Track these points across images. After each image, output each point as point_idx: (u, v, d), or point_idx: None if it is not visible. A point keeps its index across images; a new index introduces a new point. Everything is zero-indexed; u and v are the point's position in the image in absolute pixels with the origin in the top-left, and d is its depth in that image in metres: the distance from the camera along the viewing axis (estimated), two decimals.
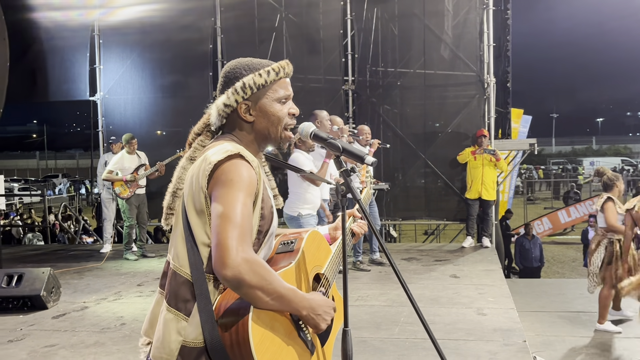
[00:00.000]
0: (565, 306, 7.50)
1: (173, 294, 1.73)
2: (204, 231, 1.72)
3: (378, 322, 5.27)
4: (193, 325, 1.68)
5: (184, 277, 1.73)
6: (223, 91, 1.86)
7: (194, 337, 1.68)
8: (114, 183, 8.43)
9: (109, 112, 10.78)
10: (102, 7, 10.66)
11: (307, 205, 5.70)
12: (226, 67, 1.93)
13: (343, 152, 2.38)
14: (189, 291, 1.71)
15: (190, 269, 1.71)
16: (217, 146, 1.76)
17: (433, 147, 9.78)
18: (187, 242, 1.73)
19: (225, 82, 1.87)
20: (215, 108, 1.84)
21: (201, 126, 1.89)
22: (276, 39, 10.40)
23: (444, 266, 7.66)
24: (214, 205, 1.66)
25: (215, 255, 1.60)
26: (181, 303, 1.71)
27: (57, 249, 10.79)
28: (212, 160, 1.69)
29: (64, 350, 4.72)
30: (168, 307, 1.73)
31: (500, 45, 10.62)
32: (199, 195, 1.71)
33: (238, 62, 1.94)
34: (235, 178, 1.68)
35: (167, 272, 1.80)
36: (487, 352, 4.45)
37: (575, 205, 20.31)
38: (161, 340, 1.71)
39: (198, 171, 1.72)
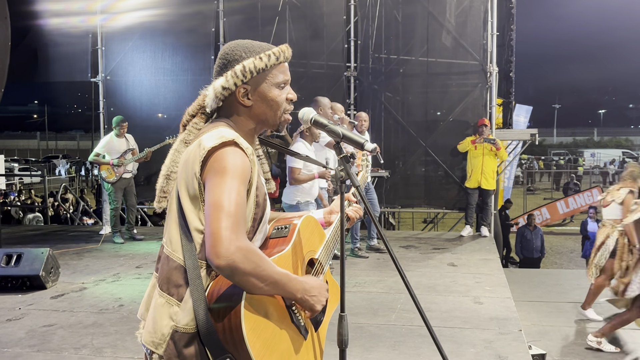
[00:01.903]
0: (562, 296, 7.54)
1: (165, 279, 1.72)
2: (197, 217, 1.70)
3: (375, 308, 5.29)
4: (185, 310, 1.67)
5: (177, 262, 1.71)
6: (221, 73, 1.82)
7: (186, 322, 1.67)
8: (100, 166, 8.41)
9: (110, 94, 10.74)
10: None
11: (305, 194, 5.73)
12: (225, 48, 1.87)
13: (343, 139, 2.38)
14: (182, 276, 1.70)
15: (183, 255, 1.70)
16: (212, 130, 1.74)
17: (434, 135, 9.76)
18: (181, 227, 1.72)
19: (224, 64, 1.83)
20: (212, 90, 1.80)
21: (196, 107, 1.85)
22: (279, 24, 10.35)
23: (442, 254, 7.68)
24: (208, 193, 1.64)
25: (208, 244, 1.58)
26: (173, 288, 1.70)
27: (57, 230, 10.82)
28: (206, 146, 1.67)
29: (62, 330, 4.75)
30: (160, 292, 1.72)
31: (504, 34, 10.56)
32: (193, 181, 1.69)
33: (237, 43, 1.90)
34: (229, 166, 1.65)
35: (160, 256, 1.80)
36: (483, 340, 4.48)
37: (574, 196, 20.35)
38: (153, 324, 1.71)
39: (193, 156, 1.70)
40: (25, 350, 4.33)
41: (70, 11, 10.73)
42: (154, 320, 1.71)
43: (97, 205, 14.15)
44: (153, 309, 1.72)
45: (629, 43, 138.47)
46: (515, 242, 12.89)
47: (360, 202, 2.34)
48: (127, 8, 10.52)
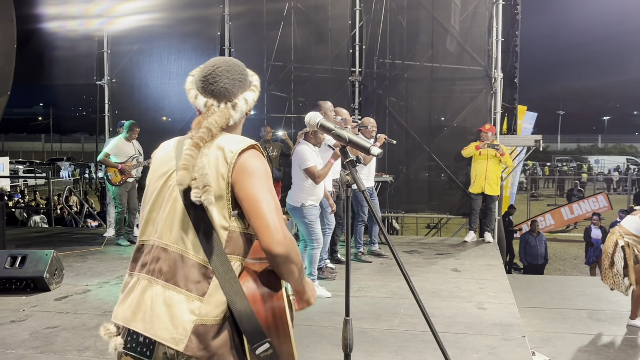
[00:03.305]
0: (566, 303, 7.51)
1: (182, 277, 1.77)
2: (222, 215, 1.80)
3: (378, 313, 5.29)
4: (211, 304, 1.75)
5: (194, 259, 1.79)
6: (242, 88, 2.00)
7: (215, 314, 1.75)
8: (107, 167, 8.43)
9: (115, 97, 10.78)
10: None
11: (310, 197, 5.70)
12: (231, 64, 2.01)
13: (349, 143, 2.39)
14: (200, 273, 1.77)
15: (204, 253, 1.78)
16: (226, 136, 1.88)
17: (438, 140, 9.76)
18: (198, 227, 1.79)
19: (243, 80, 2.01)
20: (245, 105, 1.99)
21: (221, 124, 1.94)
22: (284, 28, 10.38)
23: (446, 260, 7.67)
24: (248, 191, 1.78)
25: (265, 235, 1.73)
26: (192, 284, 1.76)
27: (61, 232, 10.84)
28: (233, 149, 1.81)
29: (66, 332, 4.75)
30: (175, 288, 1.77)
31: (508, 40, 10.57)
32: (219, 181, 1.79)
33: (235, 62, 2.06)
34: (260, 167, 1.83)
35: (159, 257, 1.83)
36: (486, 346, 4.47)
37: (579, 203, 20.30)
38: (170, 321, 1.74)
39: (215, 159, 1.81)
40: (29, 352, 4.34)
41: (75, 15, 10.78)
42: (171, 317, 1.74)
43: (101, 208, 14.18)
44: (164, 307, 1.76)
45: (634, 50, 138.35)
46: (519, 248, 12.87)
47: (366, 205, 2.38)
48: (132, 11, 10.55)
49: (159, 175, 1.93)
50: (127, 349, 1.82)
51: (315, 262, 5.81)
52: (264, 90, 10.58)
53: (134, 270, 1.90)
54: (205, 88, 1.94)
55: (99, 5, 10.61)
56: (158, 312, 1.77)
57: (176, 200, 1.84)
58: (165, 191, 1.89)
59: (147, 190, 1.97)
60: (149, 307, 1.80)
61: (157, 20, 10.45)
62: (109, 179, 8.42)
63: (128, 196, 8.54)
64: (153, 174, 1.96)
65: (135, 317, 1.81)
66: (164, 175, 1.91)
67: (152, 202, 1.90)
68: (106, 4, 10.59)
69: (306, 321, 5.02)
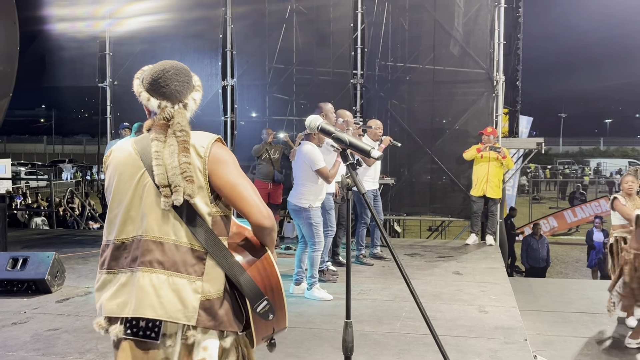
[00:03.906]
0: (568, 306, 7.50)
1: (180, 263, 1.97)
2: (205, 203, 2.02)
3: (380, 316, 5.28)
4: (211, 281, 1.99)
5: (185, 247, 1.99)
6: (187, 90, 2.15)
7: (216, 289, 2.00)
8: None
9: (117, 99, 10.80)
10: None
11: (319, 197, 5.70)
12: (181, 67, 2.17)
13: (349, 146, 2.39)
14: (194, 256, 1.98)
15: (195, 238, 1.98)
16: (192, 133, 2.07)
17: (440, 143, 9.76)
18: (186, 217, 1.98)
19: (188, 82, 2.17)
20: (194, 105, 2.16)
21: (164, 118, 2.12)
22: (286, 30, 10.38)
23: (447, 263, 7.66)
24: (227, 178, 2.02)
25: (254, 213, 2.02)
26: (190, 268, 1.97)
27: (62, 234, 10.85)
28: (204, 144, 2.03)
29: (67, 334, 4.75)
30: (177, 275, 1.96)
31: (510, 43, 10.56)
32: (196, 174, 2.00)
33: (181, 65, 2.21)
34: (229, 156, 2.08)
35: (152, 249, 1.98)
36: (488, 349, 4.46)
37: (581, 206, 20.28)
38: (180, 302, 1.94)
39: (192, 152, 2.01)
40: (30, 354, 4.33)
41: (77, 17, 10.79)
42: (180, 299, 1.94)
43: (103, 210, 14.18)
44: (170, 291, 1.94)
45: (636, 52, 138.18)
46: (520, 251, 12.85)
47: (367, 209, 2.42)
48: (134, 14, 10.56)
49: (128, 176, 2.05)
50: (129, 334, 1.97)
51: (317, 264, 5.80)
52: (266, 93, 10.59)
53: (120, 267, 2.03)
54: (157, 91, 2.09)
55: (102, 8, 10.64)
56: (167, 298, 1.94)
57: (157, 196, 2.00)
58: (141, 190, 2.03)
59: (116, 191, 2.07)
60: (155, 295, 1.94)
61: (159, 22, 10.46)
62: None
63: None
64: (120, 176, 2.06)
65: (142, 306, 1.94)
66: (133, 175, 2.04)
67: (128, 202, 2.02)
68: (108, 7, 10.61)
69: (307, 324, 5.02)
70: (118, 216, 2.03)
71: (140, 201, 2.02)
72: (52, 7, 10.84)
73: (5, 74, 10.58)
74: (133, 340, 1.98)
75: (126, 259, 2.01)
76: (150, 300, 1.94)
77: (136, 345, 1.98)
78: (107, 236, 2.07)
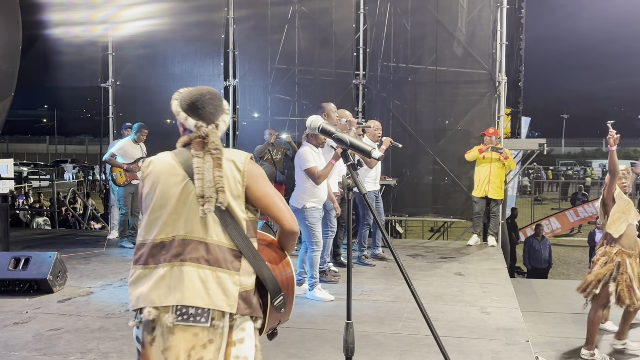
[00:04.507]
0: (570, 307, 7.49)
1: (222, 260, 2.29)
2: (241, 209, 2.34)
3: (381, 317, 5.28)
4: (245, 275, 2.31)
5: (225, 246, 2.31)
6: (218, 112, 2.43)
7: (250, 282, 2.32)
8: (112, 167, 8.40)
9: (119, 99, 10.80)
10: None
11: (312, 199, 5.68)
12: (214, 92, 2.46)
13: (350, 147, 2.39)
14: (232, 255, 2.31)
15: (232, 239, 2.31)
16: (226, 150, 2.38)
17: (442, 144, 9.75)
18: (225, 221, 2.31)
19: (220, 106, 2.44)
20: (224, 126, 2.45)
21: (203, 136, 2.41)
22: (288, 31, 10.39)
23: (449, 263, 7.65)
24: (263, 190, 2.38)
25: (287, 218, 2.41)
26: (229, 264, 2.30)
27: (64, 234, 10.86)
28: (242, 160, 2.37)
29: (69, 334, 4.76)
30: (222, 270, 2.29)
31: (513, 44, 10.56)
32: (237, 186, 2.33)
33: (215, 91, 2.49)
34: (261, 171, 2.44)
35: (197, 248, 2.30)
36: (490, 350, 4.46)
37: (584, 206, 20.22)
38: (223, 293, 2.27)
39: (230, 169, 2.34)
40: (32, 354, 4.34)
41: (81, 18, 10.80)
42: (224, 290, 2.27)
43: (105, 210, 14.20)
44: (217, 285, 2.27)
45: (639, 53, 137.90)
46: (522, 252, 12.84)
47: (368, 210, 2.45)
48: (137, 16, 10.56)
49: (172, 183, 2.34)
50: (180, 321, 2.25)
51: (316, 265, 5.79)
52: (268, 93, 10.60)
53: (158, 262, 2.31)
54: (194, 112, 2.37)
55: (104, 11, 10.64)
56: (213, 290, 2.26)
57: (210, 203, 2.30)
58: (185, 197, 2.33)
59: (160, 196, 2.34)
60: (202, 287, 2.26)
61: (161, 23, 10.45)
62: (114, 180, 8.39)
63: (132, 198, 8.53)
64: (165, 183, 2.35)
65: (192, 296, 2.25)
66: (178, 183, 2.34)
67: (172, 206, 2.32)
68: (111, 9, 10.61)
69: (309, 324, 5.02)
70: (160, 218, 2.33)
71: (184, 206, 2.32)
72: (54, 10, 10.84)
73: (7, 74, 10.59)
74: (184, 325, 2.26)
75: (164, 256, 2.30)
76: (198, 291, 2.25)
77: (186, 329, 2.25)
78: (145, 236, 2.35)
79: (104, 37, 10.71)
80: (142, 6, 10.57)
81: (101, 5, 10.71)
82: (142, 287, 2.30)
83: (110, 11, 10.63)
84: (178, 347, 2.24)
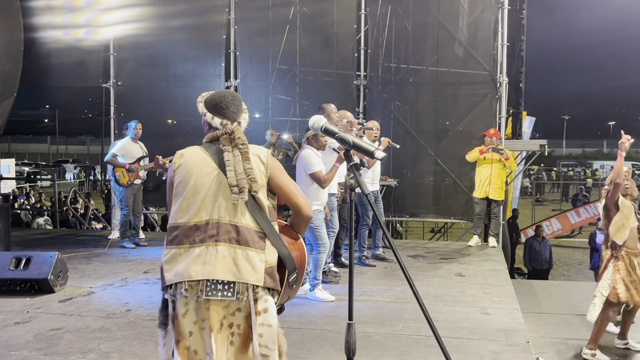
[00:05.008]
0: (570, 309, 7.50)
1: (251, 240, 2.59)
2: (264, 197, 2.66)
3: (382, 317, 5.28)
4: (270, 254, 2.61)
5: (252, 228, 2.60)
6: (239, 111, 2.76)
7: (273, 260, 2.62)
8: (115, 167, 8.41)
9: (121, 100, 10.81)
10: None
11: (316, 202, 5.68)
12: (235, 94, 2.80)
13: (353, 147, 2.39)
14: (258, 236, 2.61)
15: (258, 223, 2.61)
16: (251, 145, 2.71)
17: (443, 144, 9.75)
18: (252, 207, 2.62)
19: (240, 107, 2.77)
20: (245, 123, 2.77)
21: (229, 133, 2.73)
22: (289, 32, 10.39)
23: (450, 264, 7.65)
24: (282, 180, 2.71)
25: (304, 205, 2.74)
26: (256, 244, 2.59)
27: (66, 234, 10.87)
28: (264, 155, 2.70)
29: (69, 334, 4.76)
30: (251, 249, 2.58)
31: (514, 45, 10.55)
32: (262, 177, 2.65)
33: (235, 93, 2.84)
34: (280, 164, 2.76)
35: (229, 230, 2.59)
36: (490, 351, 4.46)
37: (585, 207, 20.21)
38: (252, 269, 2.56)
39: (256, 162, 2.66)
40: (33, 354, 4.34)
41: (83, 19, 10.81)
42: (252, 267, 2.56)
43: (106, 210, 14.20)
44: (247, 262, 2.56)
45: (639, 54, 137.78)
46: (523, 253, 12.84)
47: (370, 209, 2.44)
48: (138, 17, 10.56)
49: (205, 173, 2.63)
50: (210, 295, 2.53)
51: (321, 266, 5.80)
52: (269, 94, 10.60)
53: (192, 243, 2.58)
54: (219, 112, 2.70)
55: (107, 12, 10.65)
56: (243, 265, 2.55)
57: (243, 193, 2.60)
58: (216, 186, 2.61)
59: (193, 184, 2.63)
60: (234, 264, 2.55)
61: (162, 24, 10.45)
62: (117, 180, 8.39)
63: (134, 198, 8.53)
64: (198, 173, 2.63)
65: (224, 270, 2.54)
66: (210, 173, 2.63)
67: (205, 193, 2.61)
68: (113, 11, 10.61)
69: (310, 325, 5.02)
70: (194, 204, 2.61)
71: (216, 194, 2.61)
72: (56, 13, 10.85)
73: (10, 74, 10.61)
74: (214, 300, 2.54)
75: (199, 237, 2.58)
76: (230, 267, 2.55)
77: (217, 302, 2.55)
78: (179, 219, 2.62)
79: (105, 38, 10.72)
80: (143, 7, 10.58)
81: (103, 7, 10.71)
82: (179, 264, 2.58)
83: (112, 13, 10.63)
84: (212, 318, 2.53)
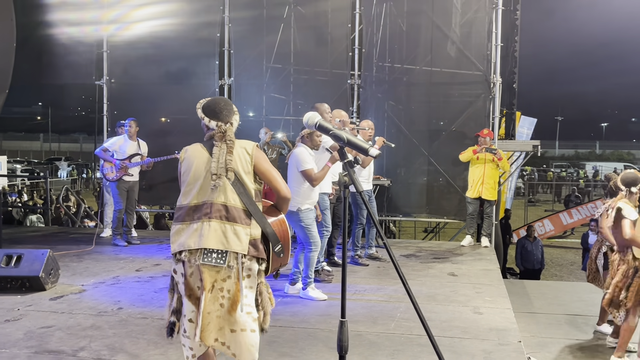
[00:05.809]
0: (562, 309, 7.52)
1: (238, 217, 3.12)
2: (250, 182, 3.18)
3: (374, 316, 5.28)
4: (254, 228, 3.14)
5: (240, 207, 3.14)
6: (231, 114, 3.28)
7: (257, 233, 3.15)
8: (104, 162, 8.40)
9: (114, 97, 10.76)
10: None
11: (307, 201, 5.68)
12: (227, 100, 3.36)
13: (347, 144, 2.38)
14: (243, 213, 3.14)
15: (244, 203, 3.14)
16: (238, 140, 3.22)
17: (436, 144, 9.76)
18: (239, 190, 3.14)
19: (231, 110, 3.30)
20: (236, 124, 3.30)
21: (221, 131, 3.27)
22: (284, 31, 10.38)
23: (443, 264, 7.66)
24: (266, 169, 3.23)
25: (282, 189, 3.29)
26: (243, 220, 3.13)
27: (57, 232, 10.81)
28: (250, 147, 3.23)
29: (60, 332, 4.74)
30: (238, 224, 3.11)
31: (507, 45, 10.57)
32: (247, 166, 3.18)
33: (227, 99, 3.53)
34: (264, 155, 3.30)
35: (220, 209, 3.12)
36: (482, 350, 4.47)
37: (577, 208, 20.29)
38: (238, 241, 3.08)
39: (242, 153, 3.19)
40: (23, 352, 4.32)
41: (76, 17, 10.76)
42: (239, 238, 3.09)
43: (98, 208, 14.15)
44: (234, 235, 3.09)
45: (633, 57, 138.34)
46: (515, 253, 12.88)
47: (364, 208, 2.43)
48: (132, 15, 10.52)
49: (202, 164, 3.18)
50: (206, 262, 3.06)
51: (313, 265, 5.79)
52: (263, 92, 10.59)
53: (192, 220, 3.14)
54: (214, 115, 3.24)
55: (99, 10, 10.60)
56: (231, 237, 3.08)
57: (223, 178, 3.14)
58: (210, 175, 3.14)
59: (194, 173, 3.19)
60: (223, 236, 3.08)
61: (157, 22, 10.42)
62: (104, 174, 8.39)
63: (127, 196, 8.49)
64: (197, 165, 3.20)
65: (215, 241, 3.07)
66: (206, 164, 3.17)
67: (202, 180, 3.16)
68: (106, 9, 10.57)
69: (302, 323, 5.01)
70: (194, 189, 3.17)
71: (209, 180, 3.14)
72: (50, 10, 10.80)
73: (2, 70, 10.56)
74: (209, 265, 3.07)
75: (196, 214, 3.14)
76: (221, 239, 3.08)
77: (211, 268, 3.07)
78: (183, 201, 3.20)
79: (98, 35, 10.67)
80: (138, 6, 10.54)
81: (96, 4, 10.67)
82: (182, 237, 3.14)
83: (105, 10, 10.59)
84: (205, 280, 3.06)
